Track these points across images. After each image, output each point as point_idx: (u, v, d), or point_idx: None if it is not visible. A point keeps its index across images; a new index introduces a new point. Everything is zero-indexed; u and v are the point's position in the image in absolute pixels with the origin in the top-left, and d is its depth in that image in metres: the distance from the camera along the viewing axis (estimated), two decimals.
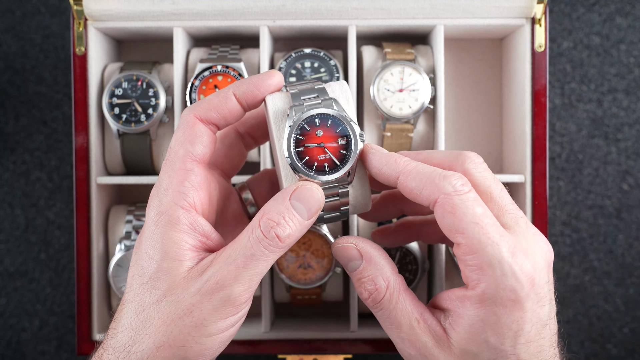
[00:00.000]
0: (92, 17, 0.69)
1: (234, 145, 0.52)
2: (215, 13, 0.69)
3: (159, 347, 0.41)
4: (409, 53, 0.70)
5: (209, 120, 0.46)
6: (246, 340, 0.69)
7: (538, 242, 0.43)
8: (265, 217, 0.43)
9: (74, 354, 0.81)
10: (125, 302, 0.44)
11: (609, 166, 0.82)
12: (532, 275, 0.41)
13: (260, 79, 0.46)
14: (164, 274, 0.42)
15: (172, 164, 0.45)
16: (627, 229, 0.82)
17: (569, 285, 0.82)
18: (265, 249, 0.42)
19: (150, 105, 0.70)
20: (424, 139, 0.72)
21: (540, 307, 0.41)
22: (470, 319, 0.42)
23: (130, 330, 0.42)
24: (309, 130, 0.44)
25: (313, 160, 0.44)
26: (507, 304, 0.40)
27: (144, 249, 0.44)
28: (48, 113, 0.81)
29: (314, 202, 0.43)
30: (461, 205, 0.41)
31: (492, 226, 0.41)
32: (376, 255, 0.46)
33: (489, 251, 0.40)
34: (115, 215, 0.73)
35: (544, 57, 0.69)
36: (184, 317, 0.41)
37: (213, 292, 0.41)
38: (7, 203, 0.81)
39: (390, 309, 0.45)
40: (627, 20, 0.81)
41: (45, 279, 0.81)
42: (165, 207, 0.43)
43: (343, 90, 0.47)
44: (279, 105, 0.46)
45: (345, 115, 0.45)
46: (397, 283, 0.45)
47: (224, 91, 0.46)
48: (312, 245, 0.67)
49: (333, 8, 0.69)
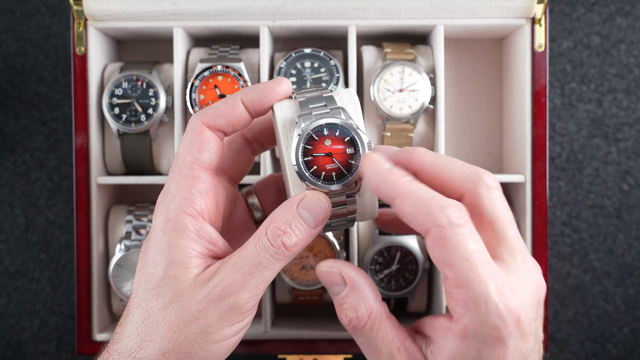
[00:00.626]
0: (92, 17, 0.69)
1: (241, 151, 0.52)
2: (215, 13, 0.69)
3: (165, 354, 0.42)
4: (409, 53, 0.70)
5: (216, 127, 0.46)
6: (246, 340, 0.69)
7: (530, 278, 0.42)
8: (272, 225, 0.43)
9: (74, 354, 0.81)
10: (131, 307, 0.44)
11: (609, 166, 0.82)
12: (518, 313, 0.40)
13: (268, 86, 0.46)
14: (170, 281, 0.43)
15: (179, 170, 0.45)
16: (627, 229, 0.82)
17: (569, 285, 0.82)
18: (271, 257, 0.42)
19: (150, 105, 0.70)
20: (424, 139, 0.72)
21: (524, 342, 0.41)
22: (452, 351, 0.41)
23: (136, 335, 0.43)
24: (317, 139, 0.44)
25: (321, 169, 0.44)
26: (489, 341, 0.40)
27: (151, 255, 0.44)
28: (48, 113, 0.81)
29: (321, 211, 0.44)
30: (453, 239, 0.40)
31: (483, 263, 0.40)
32: (360, 282, 0.45)
33: (476, 288, 0.40)
34: (115, 215, 0.73)
35: (544, 57, 0.69)
36: (190, 323, 0.42)
37: (219, 299, 0.42)
38: (7, 203, 0.81)
39: (371, 337, 0.45)
40: (627, 20, 0.81)
41: (45, 279, 0.81)
42: (173, 214, 0.44)
43: (351, 99, 0.48)
44: (287, 113, 0.46)
45: (353, 124, 0.45)
46: (380, 312, 0.45)
47: (231, 98, 0.46)
48: (315, 247, 0.67)
49: (333, 8, 0.69)
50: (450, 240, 0.40)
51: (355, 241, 0.69)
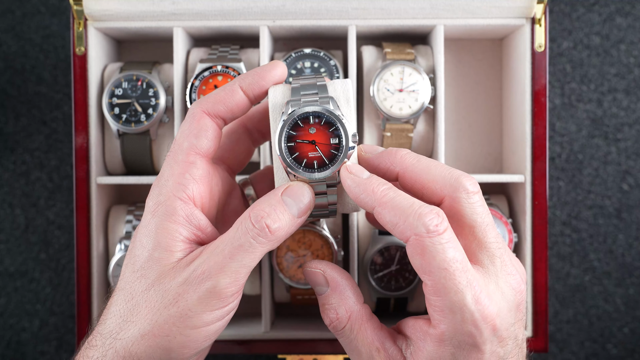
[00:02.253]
0: (92, 17, 0.69)
1: (241, 141, 0.52)
2: (215, 13, 0.69)
3: (144, 335, 0.42)
4: (409, 53, 0.70)
5: (216, 113, 0.46)
6: (246, 340, 0.69)
7: (509, 283, 0.43)
8: (256, 208, 0.43)
9: (74, 354, 0.81)
10: (116, 289, 0.44)
11: (609, 166, 0.82)
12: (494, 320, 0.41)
13: (264, 69, 0.47)
14: (154, 263, 0.43)
15: (175, 155, 0.45)
16: (627, 229, 0.82)
17: (569, 285, 0.82)
18: (253, 239, 0.42)
19: (150, 105, 0.70)
20: (424, 139, 0.72)
21: (501, 347, 0.42)
22: (429, 354, 0.42)
23: (119, 317, 0.43)
24: (303, 126, 0.45)
25: (303, 156, 0.45)
26: (464, 347, 0.41)
27: (139, 237, 0.44)
28: (48, 113, 0.81)
29: (304, 200, 0.44)
30: (431, 248, 0.40)
31: (460, 271, 0.40)
32: (342, 284, 0.47)
33: (452, 297, 0.40)
34: (115, 215, 0.73)
35: (544, 57, 0.69)
36: (170, 306, 0.42)
37: (199, 282, 0.41)
38: (7, 203, 0.81)
39: (351, 338, 0.46)
40: (627, 20, 0.81)
41: (45, 279, 0.81)
42: (164, 198, 0.44)
43: (345, 89, 0.48)
44: (278, 98, 0.47)
45: (339, 115, 0.45)
46: (361, 314, 0.46)
47: (230, 84, 0.47)
48: (312, 245, 0.67)
49: (333, 8, 0.69)
50: (428, 249, 0.40)
51: (355, 241, 0.69)
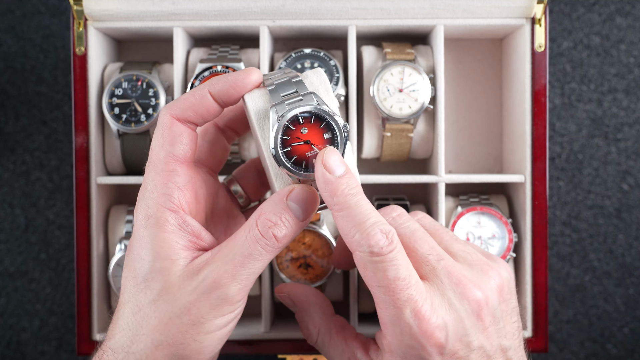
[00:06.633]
0: (92, 17, 0.69)
1: (216, 141, 0.52)
2: (215, 13, 0.69)
3: (158, 346, 0.42)
4: (409, 53, 0.70)
5: (185, 119, 0.45)
6: (246, 340, 0.69)
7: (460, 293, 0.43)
8: (263, 217, 0.43)
9: (74, 354, 0.81)
10: (121, 303, 0.44)
11: (609, 166, 0.82)
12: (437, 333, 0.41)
13: (236, 77, 0.46)
14: (158, 274, 0.43)
15: (154, 166, 0.45)
16: (627, 229, 0.82)
17: (569, 285, 0.82)
18: (262, 248, 0.42)
19: (150, 105, 0.70)
20: (424, 139, 0.72)
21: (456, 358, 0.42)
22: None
23: (128, 330, 0.43)
24: (294, 129, 0.44)
25: (301, 158, 0.44)
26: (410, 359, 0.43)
27: (136, 250, 0.44)
28: (48, 113, 0.81)
29: (309, 203, 0.44)
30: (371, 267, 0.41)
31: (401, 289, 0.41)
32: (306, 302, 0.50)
33: (391, 312, 0.41)
34: (115, 215, 0.73)
35: (544, 57, 0.69)
36: (182, 315, 0.42)
37: (210, 290, 0.42)
38: (7, 203, 0.81)
39: (324, 349, 0.49)
40: (627, 20, 0.81)
41: (45, 279, 0.81)
42: (152, 210, 0.44)
43: (321, 80, 0.47)
44: (259, 104, 0.46)
45: (327, 109, 0.44)
46: (329, 327, 0.49)
47: (199, 89, 0.46)
48: (313, 245, 0.67)
49: (333, 8, 0.69)
50: (369, 267, 0.41)
51: None
